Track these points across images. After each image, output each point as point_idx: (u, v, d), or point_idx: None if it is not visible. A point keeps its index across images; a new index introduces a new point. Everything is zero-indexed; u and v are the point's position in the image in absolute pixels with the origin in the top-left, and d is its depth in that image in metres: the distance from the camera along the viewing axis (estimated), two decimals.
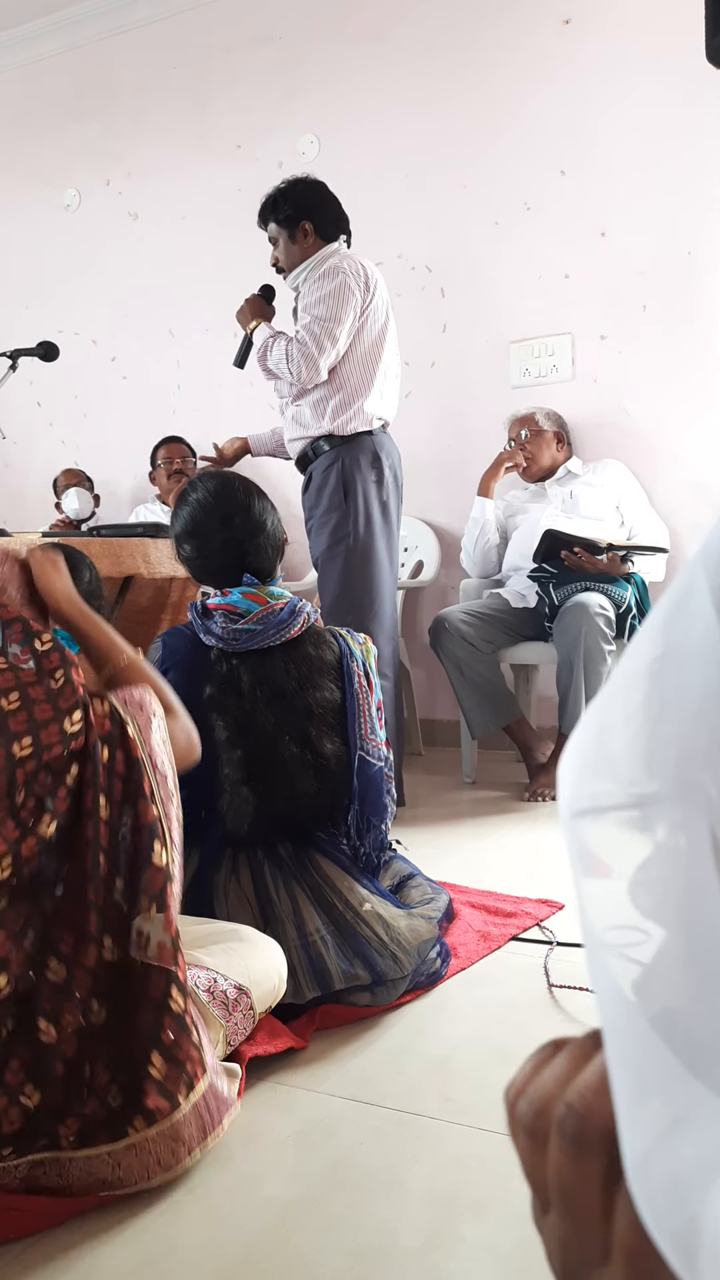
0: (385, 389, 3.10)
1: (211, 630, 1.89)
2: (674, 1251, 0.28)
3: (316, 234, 3.09)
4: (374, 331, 3.05)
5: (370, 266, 3.08)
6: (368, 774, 1.92)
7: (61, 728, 1.23)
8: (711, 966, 0.28)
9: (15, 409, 5.12)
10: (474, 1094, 1.47)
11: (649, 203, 3.74)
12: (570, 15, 3.84)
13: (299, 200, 3.07)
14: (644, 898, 0.31)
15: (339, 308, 2.96)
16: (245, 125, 4.55)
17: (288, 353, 2.99)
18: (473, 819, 3.03)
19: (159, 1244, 1.15)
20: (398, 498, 3.12)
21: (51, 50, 5.06)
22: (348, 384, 3.03)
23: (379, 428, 3.08)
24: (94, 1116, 1.20)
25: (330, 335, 2.95)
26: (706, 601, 0.30)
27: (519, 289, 4.00)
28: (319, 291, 2.99)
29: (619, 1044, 0.30)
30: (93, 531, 3.17)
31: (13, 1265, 1.13)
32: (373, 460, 3.03)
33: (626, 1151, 0.29)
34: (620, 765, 0.32)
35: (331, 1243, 1.15)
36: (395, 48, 4.18)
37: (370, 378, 3.04)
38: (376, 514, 3.02)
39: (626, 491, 3.66)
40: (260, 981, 1.52)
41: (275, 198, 3.10)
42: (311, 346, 2.95)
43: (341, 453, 3.02)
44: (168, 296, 4.76)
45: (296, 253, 3.09)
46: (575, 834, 0.33)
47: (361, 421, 3.03)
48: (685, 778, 0.30)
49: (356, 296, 2.98)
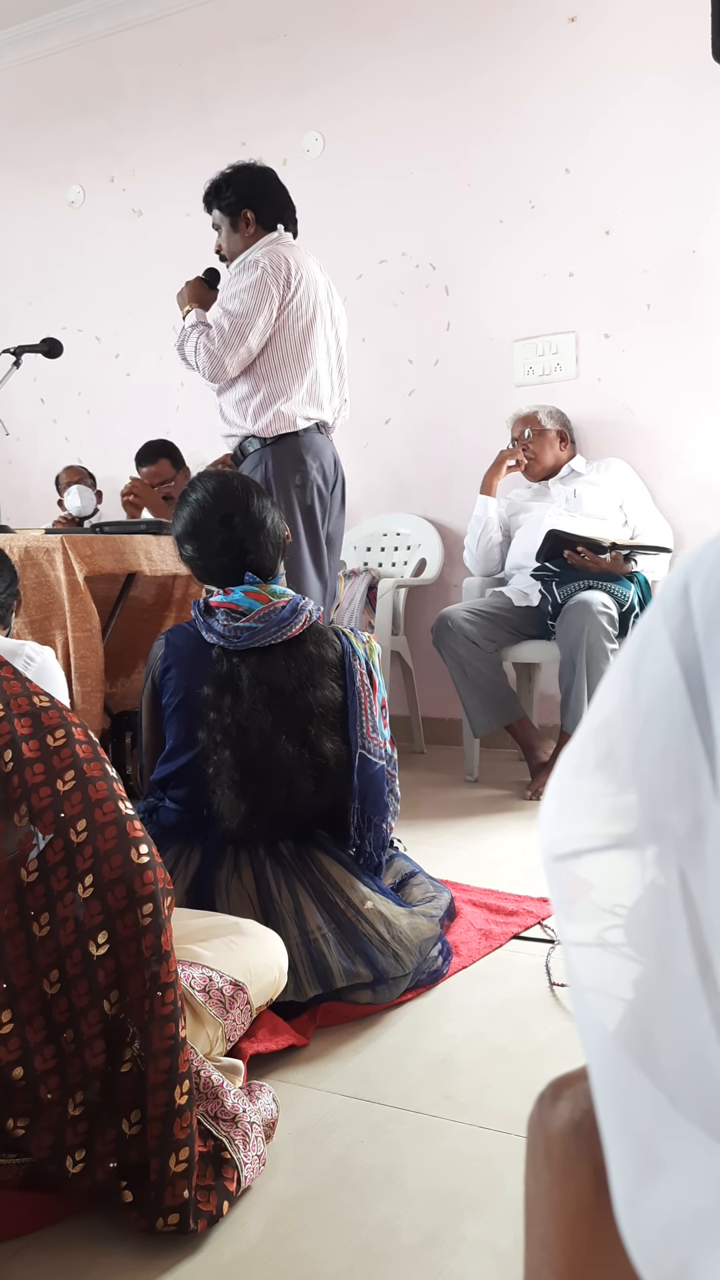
0: (317, 389, 3.00)
1: (213, 628, 1.89)
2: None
3: (258, 222, 3.01)
4: (297, 329, 2.95)
5: (298, 260, 2.94)
6: (369, 773, 1.92)
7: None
8: (685, 1000, 0.29)
9: (19, 405, 5.12)
10: (475, 1092, 1.47)
11: (653, 201, 3.73)
12: (575, 13, 3.83)
13: (242, 187, 3.01)
14: (633, 934, 0.31)
15: (252, 304, 2.87)
16: (249, 122, 4.55)
17: (197, 345, 2.93)
18: (475, 817, 3.03)
19: (159, 1241, 1.15)
20: (327, 499, 3.03)
21: (56, 46, 5.06)
22: (268, 382, 2.95)
23: (309, 428, 2.99)
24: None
25: (239, 332, 2.87)
26: (666, 645, 0.31)
27: (523, 287, 4.00)
28: (235, 285, 2.93)
29: (607, 1089, 0.31)
30: (95, 529, 3.17)
31: (13, 1262, 1.13)
32: (296, 463, 2.95)
33: (617, 1195, 0.29)
34: (598, 808, 0.32)
35: (332, 1240, 1.15)
36: (400, 45, 4.18)
37: (293, 379, 2.95)
38: (299, 518, 2.95)
39: (630, 490, 3.66)
40: (260, 975, 1.52)
41: (219, 184, 3.04)
42: (218, 342, 2.89)
43: (265, 455, 2.97)
44: (171, 293, 4.73)
45: (238, 240, 3.03)
46: (558, 877, 0.33)
47: (284, 423, 2.94)
48: (656, 819, 0.30)
49: (273, 292, 2.88)
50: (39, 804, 1.20)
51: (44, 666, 1.90)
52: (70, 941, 1.17)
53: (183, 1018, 1.20)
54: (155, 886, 1.19)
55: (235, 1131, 1.24)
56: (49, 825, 1.19)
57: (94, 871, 1.18)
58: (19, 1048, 1.14)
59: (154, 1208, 1.14)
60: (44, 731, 1.24)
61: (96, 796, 1.21)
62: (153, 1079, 1.15)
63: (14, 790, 1.20)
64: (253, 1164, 1.24)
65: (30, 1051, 1.15)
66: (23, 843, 1.19)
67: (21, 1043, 1.15)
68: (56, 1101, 1.16)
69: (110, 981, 1.17)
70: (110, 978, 1.17)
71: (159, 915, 1.19)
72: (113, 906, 1.17)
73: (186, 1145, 1.15)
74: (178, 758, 1.93)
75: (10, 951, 1.16)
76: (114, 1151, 1.17)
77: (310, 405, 3.01)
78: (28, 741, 1.22)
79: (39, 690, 1.28)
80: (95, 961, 1.17)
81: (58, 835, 1.19)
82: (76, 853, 1.19)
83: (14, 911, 1.17)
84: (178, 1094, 1.16)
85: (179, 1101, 1.16)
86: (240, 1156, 1.23)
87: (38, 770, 1.21)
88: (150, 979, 1.17)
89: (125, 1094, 1.17)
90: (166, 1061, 1.16)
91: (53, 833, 1.19)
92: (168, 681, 1.95)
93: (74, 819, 1.20)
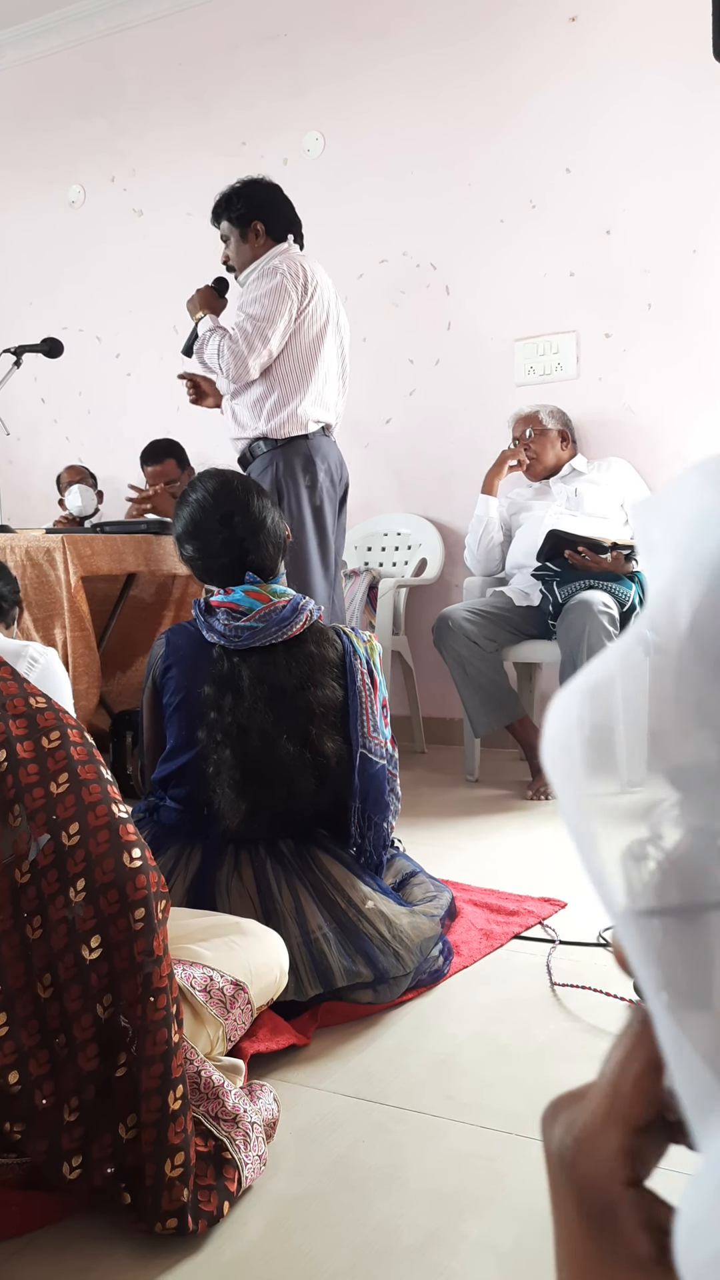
0: (325, 392, 3.12)
1: (214, 628, 1.89)
2: None
3: (268, 234, 3.13)
4: (311, 334, 3.08)
5: (313, 269, 3.09)
6: (369, 772, 1.92)
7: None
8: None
9: (19, 405, 5.12)
10: (476, 1092, 1.47)
11: (654, 200, 3.73)
12: (576, 12, 3.83)
13: (251, 200, 3.12)
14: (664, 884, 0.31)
15: (274, 308, 2.99)
16: (250, 122, 4.55)
17: (220, 349, 3.04)
18: (475, 817, 3.03)
19: (159, 1241, 1.15)
20: (334, 501, 3.15)
21: (56, 46, 5.06)
22: (282, 385, 3.06)
23: (317, 431, 3.10)
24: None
25: (262, 335, 2.99)
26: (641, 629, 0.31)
27: (524, 286, 4.00)
28: (256, 291, 3.04)
29: (676, 1068, 0.30)
30: (96, 529, 3.18)
31: (13, 1261, 1.13)
32: (306, 465, 3.07)
33: (679, 1220, 0.29)
34: (619, 764, 0.32)
35: (333, 1240, 1.15)
36: (400, 44, 4.18)
37: (306, 379, 3.07)
38: (308, 518, 3.06)
39: (631, 490, 3.65)
40: (261, 975, 1.52)
41: (229, 196, 3.14)
42: (242, 344, 2.99)
43: (275, 457, 3.07)
44: (172, 293, 4.74)
45: (247, 252, 3.14)
46: (583, 828, 0.32)
47: (296, 425, 3.06)
48: (672, 764, 0.30)
49: (293, 298, 3.01)
50: (32, 805, 1.19)
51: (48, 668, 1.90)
52: (63, 945, 1.17)
53: (177, 1022, 1.19)
54: (148, 891, 1.19)
55: (236, 1131, 1.24)
56: (41, 827, 1.19)
57: (86, 875, 1.18)
58: (14, 1051, 1.14)
59: (152, 1212, 1.14)
60: (39, 733, 1.23)
61: (90, 799, 1.21)
62: (146, 1084, 1.15)
63: (8, 791, 1.19)
64: (253, 1164, 1.24)
65: (25, 1055, 1.15)
66: (18, 844, 1.18)
67: (16, 1046, 1.14)
68: (52, 1107, 1.15)
69: (103, 986, 1.17)
70: (103, 982, 1.17)
71: (152, 920, 1.18)
72: (105, 911, 1.17)
73: (182, 1150, 1.15)
74: (178, 757, 1.93)
75: (5, 953, 1.16)
76: (111, 1156, 1.16)
77: (319, 408, 3.11)
78: (22, 742, 1.22)
79: (36, 691, 1.27)
80: (88, 966, 1.16)
81: (51, 838, 1.19)
82: (69, 856, 1.18)
83: (9, 914, 1.17)
84: (171, 1099, 1.15)
85: (173, 1106, 1.15)
86: (241, 1156, 1.22)
87: (32, 771, 1.21)
88: (143, 983, 1.16)
89: (121, 1098, 1.17)
90: (160, 1067, 1.15)
91: (46, 835, 1.19)
92: (168, 681, 1.95)
93: (67, 822, 1.19)
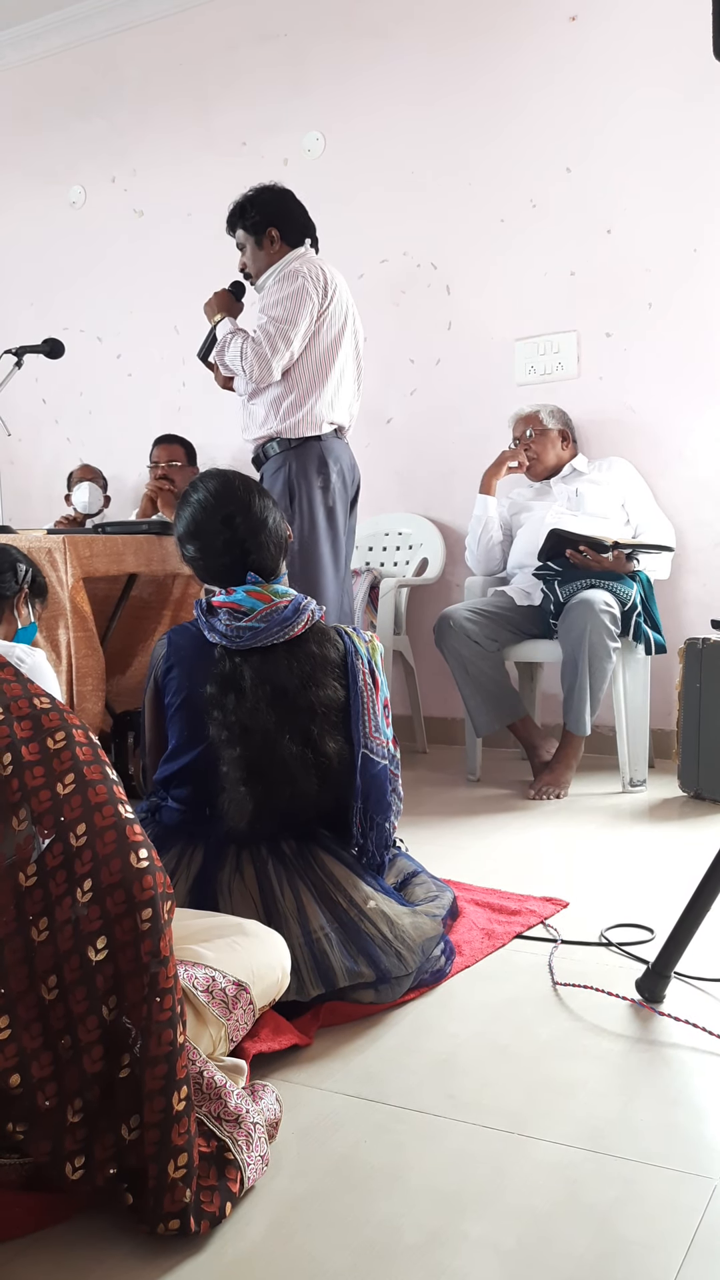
0: (339, 394, 3.16)
1: (216, 628, 1.89)
2: None
3: (283, 240, 3.17)
4: (329, 336, 3.12)
5: (332, 271, 3.14)
6: (371, 772, 1.92)
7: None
8: None
9: (21, 406, 5.12)
10: (478, 1091, 1.47)
11: (654, 200, 3.73)
12: (577, 12, 3.83)
13: (265, 207, 3.16)
14: None
15: (296, 310, 3.04)
16: (251, 122, 4.55)
17: (243, 350, 3.08)
18: (477, 817, 3.03)
19: (162, 1241, 1.15)
20: (346, 502, 3.19)
21: (57, 47, 5.06)
22: (300, 384, 3.10)
23: (330, 433, 3.14)
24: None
25: (284, 336, 3.03)
26: None
27: (524, 286, 4.00)
28: (278, 293, 3.08)
29: None
30: (97, 529, 3.18)
31: (15, 1261, 1.14)
32: (319, 466, 3.11)
33: None
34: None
35: (335, 1239, 1.15)
36: (401, 44, 4.18)
37: (323, 380, 3.11)
38: (321, 519, 3.10)
39: (632, 489, 3.65)
40: (263, 975, 1.52)
41: (243, 205, 3.19)
42: (265, 346, 3.04)
43: (289, 457, 3.11)
44: (173, 293, 4.76)
45: (263, 258, 3.18)
46: None
47: (310, 425, 3.10)
48: None
49: (314, 300, 3.06)
50: (39, 808, 1.19)
51: (35, 667, 1.90)
52: (69, 947, 1.17)
53: (181, 1023, 1.19)
54: (155, 891, 1.19)
55: (238, 1132, 1.24)
56: (49, 829, 1.19)
57: (93, 876, 1.17)
58: (16, 1054, 1.14)
59: (154, 1213, 1.14)
60: (44, 734, 1.23)
61: (96, 800, 1.20)
62: (150, 1085, 1.15)
63: (13, 794, 1.19)
64: (256, 1164, 1.24)
65: (27, 1058, 1.14)
66: (22, 847, 1.18)
67: (18, 1049, 1.14)
68: (55, 1109, 1.15)
69: (109, 987, 1.17)
70: (109, 983, 1.17)
71: (158, 920, 1.18)
72: (111, 911, 1.17)
73: (185, 1151, 1.15)
74: (180, 757, 1.93)
75: (8, 957, 1.16)
76: (113, 1157, 1.16)
77: (333, 410, 3.15)
78: (28, 744, 1.22)
79: (40, 691, 1.27)
80: (94, 967, 1.16)
81: (57, 839, 1.18)
82: (75, 857, 1.18)
83: (12, 917, 1.16)
84: (175, 1100, 1.15)
85: (177, 1108, 1.15)
86: (243, 1157, 1.22)
87: (38, 773, 1.20)
88: (149, 984, 1.16)
89: (124, 1099, 1.17)
90: (164, 1068, 1.15)
91: (52, 836, 1.19)
92: (170, 681, 1.95)
93: (74, 823, 1.19)
